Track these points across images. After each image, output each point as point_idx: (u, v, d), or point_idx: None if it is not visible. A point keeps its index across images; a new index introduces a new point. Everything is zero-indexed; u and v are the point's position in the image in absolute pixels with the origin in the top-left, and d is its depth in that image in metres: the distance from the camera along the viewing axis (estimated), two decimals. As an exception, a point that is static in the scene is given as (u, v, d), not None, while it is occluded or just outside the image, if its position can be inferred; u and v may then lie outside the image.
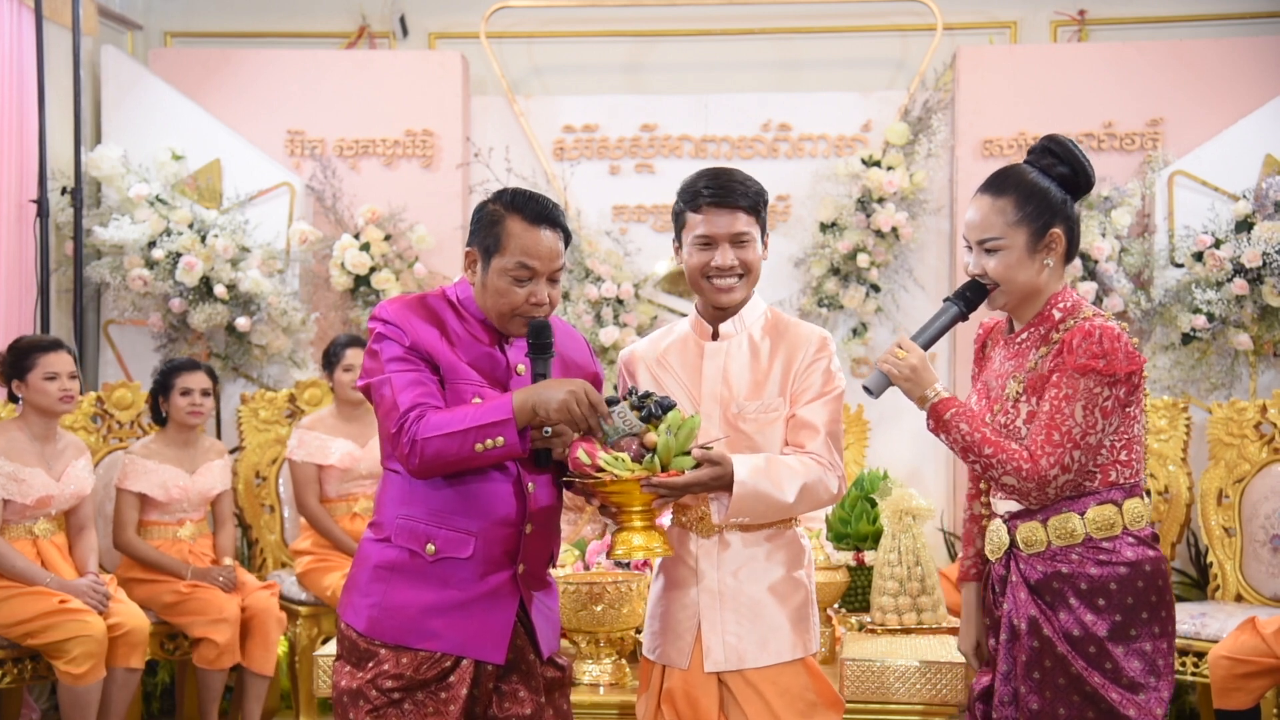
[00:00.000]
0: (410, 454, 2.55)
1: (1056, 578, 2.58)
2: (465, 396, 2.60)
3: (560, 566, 3.69)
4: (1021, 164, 2.71)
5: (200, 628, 4.60)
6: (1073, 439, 2.53)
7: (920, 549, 3.87)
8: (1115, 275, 5.54)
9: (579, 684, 3.37)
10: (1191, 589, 5.35)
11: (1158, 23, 6.14)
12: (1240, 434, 4.92)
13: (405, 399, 2.57)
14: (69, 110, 5.56)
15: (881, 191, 5.78)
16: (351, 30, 6.38)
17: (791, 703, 2.73)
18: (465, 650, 2.61)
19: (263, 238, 5.74)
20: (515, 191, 2.69)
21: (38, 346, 4.45)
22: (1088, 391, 2.53)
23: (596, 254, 5.88)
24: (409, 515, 2.64)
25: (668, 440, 2.57)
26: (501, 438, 2.52)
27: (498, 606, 2.63)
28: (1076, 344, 2.55)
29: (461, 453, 2.53)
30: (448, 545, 2.61)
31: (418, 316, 2.64)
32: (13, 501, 4.36)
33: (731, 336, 2.82)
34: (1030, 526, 2.62)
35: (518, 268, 2.62)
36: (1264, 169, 5.51)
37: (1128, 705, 2.53)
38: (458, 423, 2.53)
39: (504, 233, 2.62)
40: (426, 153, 6.05)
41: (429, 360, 2.61)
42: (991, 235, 2.64)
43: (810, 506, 2.73)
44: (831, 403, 2.77)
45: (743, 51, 6.32)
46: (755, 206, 2.77)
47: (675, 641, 2.80)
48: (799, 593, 2.77)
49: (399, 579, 2.62)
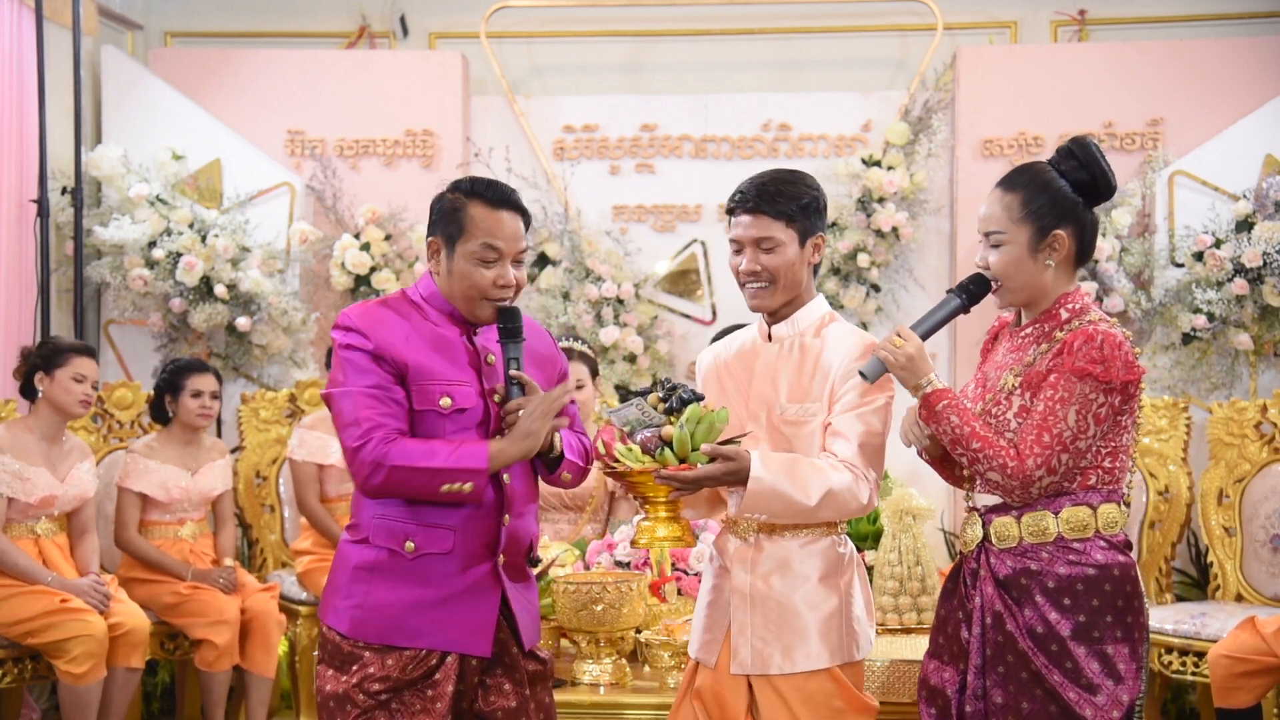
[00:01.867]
0: (371, 474, 2.53)
1: (1025, 574, 2.59)
2: (433, 396, 2.59)
3: (560, 566, 3.69)
4: (1043, 163, 2.71)
5: (200, 629, 4.60)
6: (1062, 442, 2.54)
7: (920, 549, 3.87)
8: (1115, 275, 5.54)
9: (579, 684, 3.37)
10: (1191, 589, 5.35)
11: (1158, 23, 6.14)
12: (1240, 434, 4.92)
13: (366, 415, 2.54)
14: (69, 110, 5.56)
15: (882, 191, 5.78)
16: (351, 30, 6.38)
17: (816, 710, 2.71)
18: (451, 645, 2.60)
19: (263, 238, 5.74)
20: (473, 179, 2.70)
21: (72, 347, 4.53)
22: (1083, 396, 2.53)
23: (596, 254, 5.88)
24: (385, 515, 2.62)
25: (682, 433, 2.57)
26: (470, 485, 2.54)
27: (481, 599, 2.62)
28: (1077, 347, 2.55)
29: (425, 488, 2.54)
30: (427, 541, 2.60)
31: (380, 320, 2.62)
32: (16, 500, 4.37)
33: (784, 339, 2.81)
34: (1004, 521, 2.62)
35: (483, 249, 2.62)
36: (1264, 169, 5.51)
37: (1084, 705, 2.53)
38: (429, 458, 2.53)
39: (466, 218, 2.63)
40: (426, 153, 6.05)
41: (394, 365, 2.58)
42: (995, 228, 2.65)
43: (835, 514, 2.71)
44: (871, 414, 2.71)
45: (743, 51, 6.32)
46: (787, 212, 2.74)
47: (707, 639, 2.81)
48: (830, 601, 2.74)
49: (379, 579, 2.61)
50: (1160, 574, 4.94)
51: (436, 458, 2.53)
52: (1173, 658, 4.49)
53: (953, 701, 2.67)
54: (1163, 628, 4.50)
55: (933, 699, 2.72)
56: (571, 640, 3.50)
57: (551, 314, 5.84)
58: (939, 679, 2.72)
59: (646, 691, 3.32)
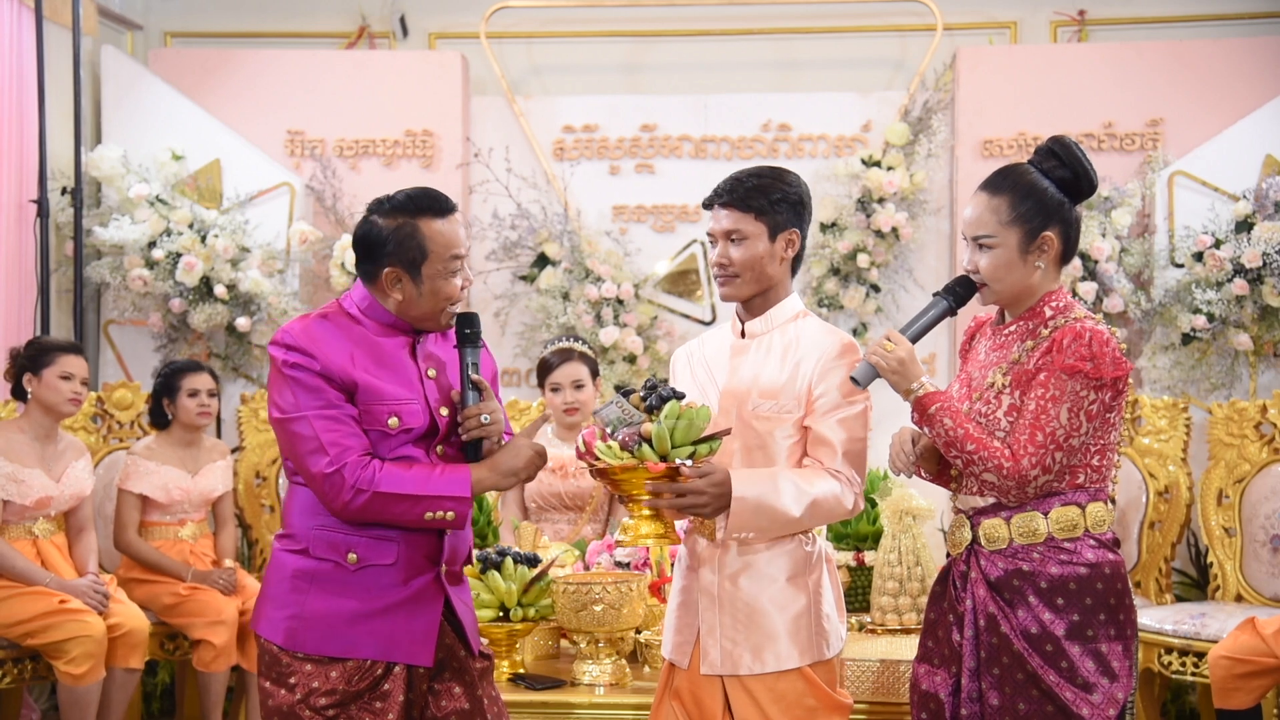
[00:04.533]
0: (352, 499, 2.48)
1: (1017, 575, 2.60)
2: (380, 418, 2.54)
3: (560, 566, 3.69)
4: (1024, 164, 2.71)
5: (199, 630, 4.60)
6: (1055, 440, 2.54)
7: (920, 549, 3.87)
8: (1115, 275, 5.53)
9: (579, 684, 3.36)
10: (1191, 589, 5.35)
11: (1157, 23, 6.14)
12: (1240, 434, 4.92)
13: (330, 439, 2.49)
14: (69, 110, 5.56)
15: (881, 192, 5.78)
16: (351, 30, 6.38)
17: (788, 709, 2.73)
18: (392, 655, 2.57)
19: (263, 238, 5.74)
20: (405, 197, 2.61)
21: (59, 346, 4.51)
22: (1074, 394, 2.54)
23: (596, 254, 5.88)
24: (324, 525, 2.56)
25: (660, 429, 2.58)
26: (453, 513, 2.52)
27: (423, 609, 2.59)
28: (1066, 344, 2.55)
29: (407, 515, 2.51)
30: (370, 553, 2.55)
31: (323, 338, 2.55)
32: (12, 502, 4.37)
33: (758, 335, 2.84)
34: (993, 523, 2.63)
35: (452, 260, 2.59)
36: (1264, 169, 5.51)
37: (1081, 704, 2.54)
38: (413, 485, 2.50)
39: (425, 239, 2.57)
40: (426, 153, 6.05)
41: (343, 384, 2.53)
42: (984, 233, 2.65)
43: (822, 523, 2.73)
44: (852, 419, 2.73)
45: (742, 51, 6.32)
46: (756, 206, 2.77)
47: (679, 640, 2.83)
48: (798, 601, 2.75)
49: (317, 588, 2.55)
50: (1160, 574, 4.94)
51: (420, 484, 2.51)
52: (1172, 658, 4.48)
53: (946, 705, 2.67)
54: (1162, 628, 4.50)
55: (924, 704, 2.71)
56: (571, 640, 3.50)
57: (551, 314, 5.84)
58: (930, 683, 2.71)
59: (646, 692, 3.31)
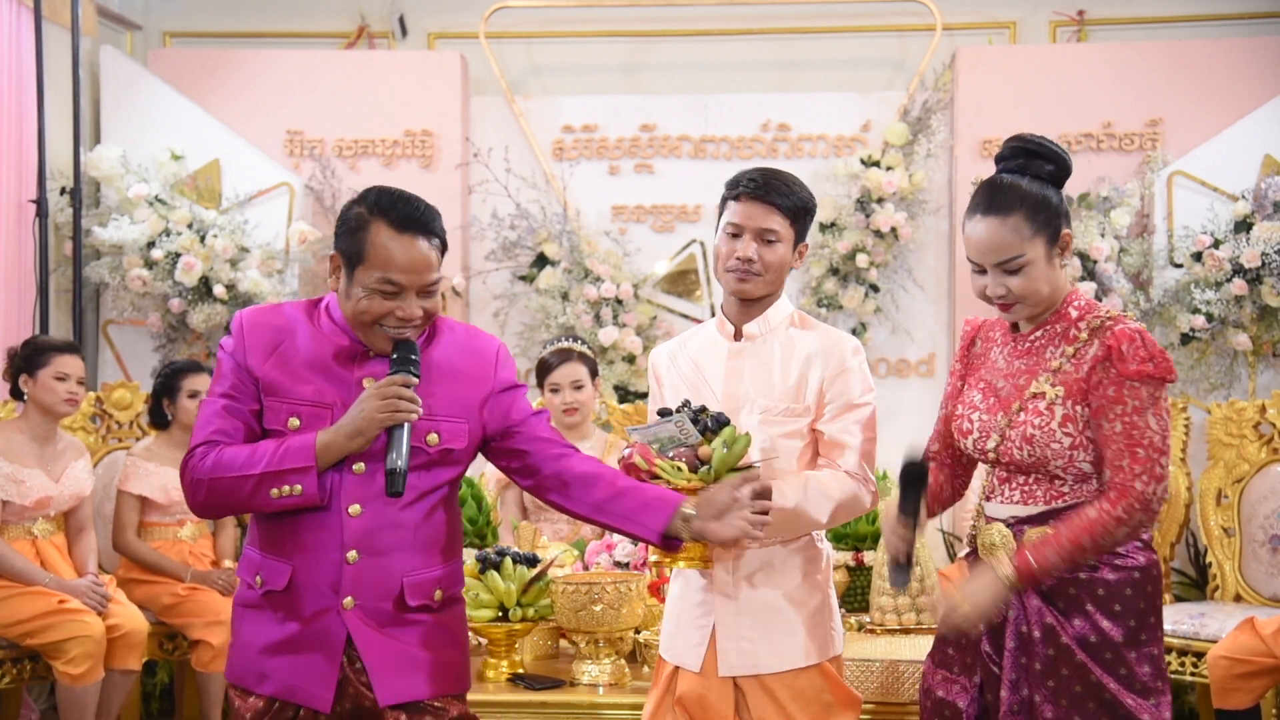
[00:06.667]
0: (193, 491, 2.36)
1: (1073, 583, 2.53)
2: (281, 416, 2.37)
3: (560, 566, 3.69)
4: (1011, 177, 2.62)
5: (197, 630, 4.60)
6: (1155, 447, 2.48)
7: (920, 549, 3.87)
8: (1114, 275, 5.54)
9: (578, 684, 3.36)
10: (1191, 589, 5.35)
11: (1157, 23, 6.14)
12: (1239, 434, 4.92)
13: (202, 432, 2.38)
14: (68, 110, 5.56)
15: (881, 192, 5.78)
16: (351, 30, 6.38)
17: (806, 705, 2.73)
18: (293, 695, 2.37)
19: (262, 238, 5.74)
20: (382, 192, 2.40)
21: (54, 346, 4.50)
22: (1151, 397, 2.49)
23: (596, 254, 5.88)
24: (249, 544, 2.46)
25: (724, 454, 2.54)
26: (299, 485, 2.30)
27: (322, 646, 2.36)
28: (1125, 351, 2.49)
29: (253, 499, 2.32)
30: (270, 577, 2.40)
31: (260, 326, 2.42)
32: (11, 503, 4.37)
33: (756, 338, 2.80)
34: (1041, 531, 2.56)
35: (381, 282, 2.33)
36: (1263, 169, 5.51)
37: (1142, 711, 2.49)
38: (251, 464, 2.31)
39: (367, 241, 2.33)
40: (426, 153, 6.05)
41: (251, 376, 2.39)
42: (1012, 255, 2.55)
43: (841, 522, 2.78)
44: (865, 422, 2.76)
45: (742, 51, 6.32)
46: (793, 210, 2.74)
47: (687, 643, 2.79)
48: (815, 598, 2.77)
49: (247, 615, 2.44)
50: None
51: (259, 462, 2.31)
52: (1171, 658, 4.48)
53: (964, 714, 2.62)
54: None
55: (939, 711, 2.66)
56: (571, 640, 3.50)
57: (550, 314, 5.84)
58: (947, 691, 2.66)
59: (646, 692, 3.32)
